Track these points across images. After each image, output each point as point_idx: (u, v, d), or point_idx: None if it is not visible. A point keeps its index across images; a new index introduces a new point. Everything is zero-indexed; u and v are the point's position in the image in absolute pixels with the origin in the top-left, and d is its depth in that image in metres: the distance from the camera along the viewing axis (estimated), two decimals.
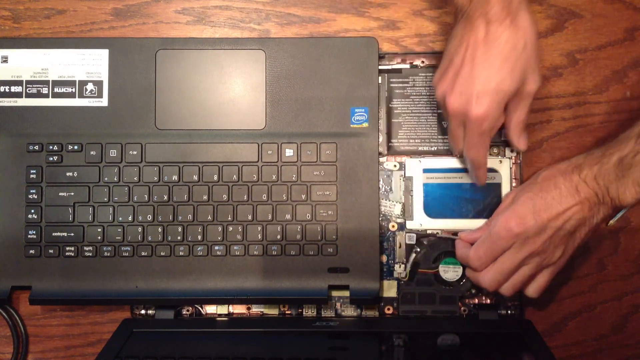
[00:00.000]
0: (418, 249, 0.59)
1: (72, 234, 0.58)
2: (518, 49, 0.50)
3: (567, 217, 0.51)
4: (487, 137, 0.53)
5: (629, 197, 0.49)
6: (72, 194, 0.59)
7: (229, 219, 0.58)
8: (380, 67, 0.60)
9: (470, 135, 0.52)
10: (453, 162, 0.60)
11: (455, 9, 0.53)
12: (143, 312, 0.60)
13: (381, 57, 0.60)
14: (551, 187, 0.51)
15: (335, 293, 0.60)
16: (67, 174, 0.59)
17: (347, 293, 0.59)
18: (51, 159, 0.59)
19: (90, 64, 0.59)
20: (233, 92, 0.59)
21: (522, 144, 0.56)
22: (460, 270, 0.59)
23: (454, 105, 0.52)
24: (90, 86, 0.59)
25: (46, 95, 0.59)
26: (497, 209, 0.57)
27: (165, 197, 0.58)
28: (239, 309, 0.60)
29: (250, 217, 0.58)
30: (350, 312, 0.60)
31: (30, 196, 0.58)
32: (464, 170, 0.59)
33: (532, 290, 0.55)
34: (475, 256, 0.54)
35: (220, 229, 0.58)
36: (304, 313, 0.60)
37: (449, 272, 0.59)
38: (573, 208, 0.51)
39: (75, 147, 0.59)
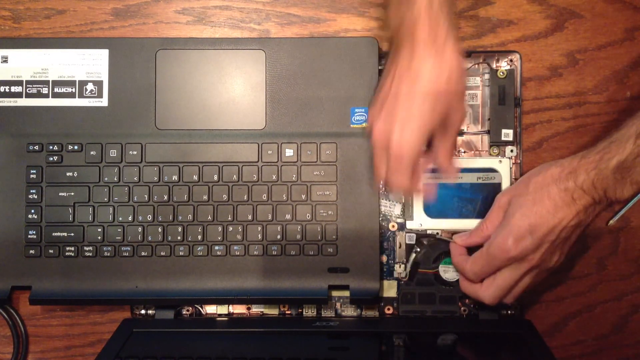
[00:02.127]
0: (418, 249, 0.59)
1: (72, 234, 0.58)
2: (441, 83, 0.49)
3: (563, 226, 0.51)
4: (407, 167, 0.51)
5: (625, 195, 0.49)
6: (72, 194, 0.59)
7: (229, 219, 0.58)
8: (380, 67, 0.60)
9: (392, 164, 0.51)
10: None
11: (390, 34, 0.52)
12: (143, 312, 0.60)
13: (381, 57, 0.60)
14: (545, 198, 0.51)
15: (335, 293, 0.60)
16: (67, 174, 0.59)
17: (347, 293, 0.59)
18: (51, 159, 0.59)
19: (90, 64, 0.59)
20: (233, 92, 0.59)
21: (452, 172, 0.55)
22: None
23: (377, 135, 0.51)
24: (90, 86, 0.59)
25: (46, 95, 0.59)
26: (490, 211, 0.56)
27: (165, 197, 0.58)
28: (239, 309, 0.60)
29: (250, 217, 0.58)
30: (350, 312, 0.60)
31: (30, 196, 0.58)
32: (464, 170, 0.59)
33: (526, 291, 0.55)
34: (471, 271, 0.55)
35: (220, 229, 0.58)
36: (304, 313, 0.60)
37: (449, 272, 0.59)
38: (569, 217, 0.50)
39: (75, 147, 0.59)
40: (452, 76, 0.49)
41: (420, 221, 0.59)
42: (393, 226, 0.60)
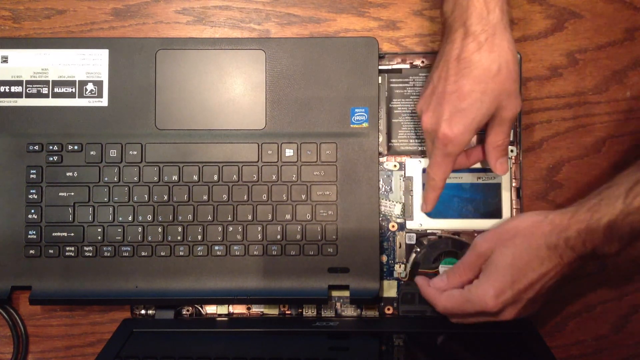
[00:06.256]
0: (418, 249, 0.59)
1: (72, 234, 0.58)
2: (491, 72, 0.49)
3: (544, 282, 0.49)
4: (450, 160, 0.52)
5: (612, 250, 0.47)
6: (72, 194, 0.59)
7: (229, 219, 0.58)
8: (380, 67, 0.60)
9: (435, 154, 0.53)
10: None
11: (443, 19, 0.52)
12: (143, 312, 0.60)
13: (381, 57, 0.60)
14: (532, 255, 0.49)
15: (335, 293, 0.60)
16: (67, 174, 0.59)
17: (347, 293, 0.59)
18: (51, 159, 0.59)
19: (90, 64, 0.59)
20: (233, 92, 0.59)
21: (500, 169, 0.55)
22: None
23: (426, 124, 0.52)
24: (90, 86, 0.59)
25: (46, 95, 0.59)
26: (466, 255, 0.53)
27: (165, 197, 0.58)
28: (239, 309, 0.60)
29: (250, 217, 0.58)
30: (350, 312, 0.60)
31: (30, 196, 0.58)
32: (464, 170, 0.59)
33: None
34: (443, 306, 0.53)
35: (220, 229, 0.58)
36: (304, 313, 0.60)
37: None
38: (551, 273, 0.49)
39: (75, 147, 0.59)
40: (503, 66, 0.49)
41: (420, 221, 0.59)
42: (393, 226, 0.60)
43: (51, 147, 0.59)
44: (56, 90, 0.59)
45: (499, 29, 0.49)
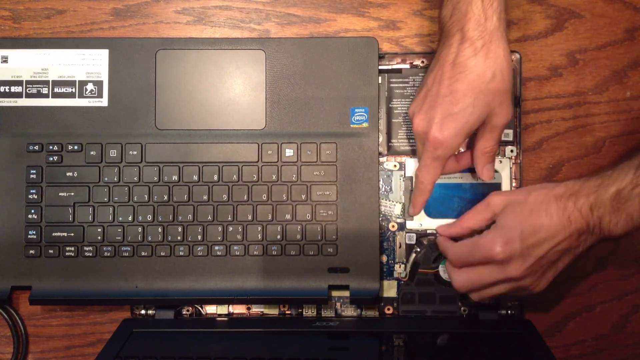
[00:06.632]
0: (418, 249, 0.59)
1: (72, 234, 0.58)
2: (485, 78, 0.50)
3: (552, 245, 0.49)
4: (439, 163, 0.53)
5: (619, 230, 0.48)
6: (72, 194, 0.59)
7: (229, 219, 0.58)
8: (380, 67, 0.60)
9: (425, 156, 0.53)
10: None
11: (441, 24, 0.53)
12: (143, 312, 0.60)
13: (381, 57, 0.60)
14: (542, 212, 0.49)
15: (335, 293, 0.60)
16: (67, 174, 0.59)
17: (347, 293, 0.59)
18: (51, 159, 0.59)
19: (90, 64, 0.59)
20: (233, 92, 0.59)
21: (486, 175, 0.55)
22: None
23: (417, 126, 0.52)
24: (90, 86, 0.59)
25: (46, 95, 0.59)
26: (476, 205, 0.54)
27: (165, 197, 0.58)
28: (239, 309, 0.60)
29: (250, 217, 0.58)
30: (350, 312, 0.60)
31: (30, 196, 0.58)
32: (464, 170, 0.59)
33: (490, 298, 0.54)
34: (454, 253, 0.53)
35: (220, 229, 0.58)
36: (304, 313, 0.60)
37: None
38: (560, 237, 0.49)
39: (75, 147, 0.59)
40: (497, 74, 0.50)
41: (420, 221, 0.59)
42: (393, 226, 0.60)
43: (51, 147, 0.59)
44: (56, 90, 0.59)
45: (495, 36, 0.49)
